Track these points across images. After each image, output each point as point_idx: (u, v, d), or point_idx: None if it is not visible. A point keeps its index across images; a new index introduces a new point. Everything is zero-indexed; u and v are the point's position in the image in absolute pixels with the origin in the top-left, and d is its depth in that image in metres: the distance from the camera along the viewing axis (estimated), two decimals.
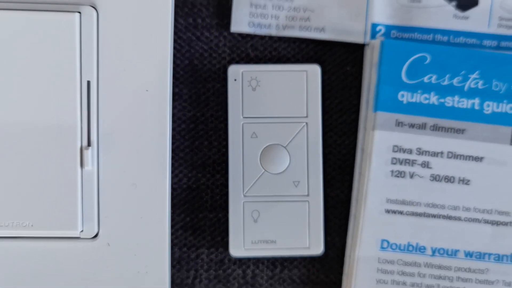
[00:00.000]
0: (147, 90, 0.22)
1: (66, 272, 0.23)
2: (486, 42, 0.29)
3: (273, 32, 0.29)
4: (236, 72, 0.27)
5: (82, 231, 0.22)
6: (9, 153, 0.21)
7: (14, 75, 0.21)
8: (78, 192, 0.22)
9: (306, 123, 0.27)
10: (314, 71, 0.27)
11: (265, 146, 0.27)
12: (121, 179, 0.22)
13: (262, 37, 0.29)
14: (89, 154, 0.22)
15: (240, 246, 0.26)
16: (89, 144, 0.22)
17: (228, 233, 0.27)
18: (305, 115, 0.27)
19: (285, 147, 0.27)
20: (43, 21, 0.20)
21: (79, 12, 0.21)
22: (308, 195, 0.27)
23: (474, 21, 0.29)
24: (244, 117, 0.27)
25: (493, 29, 0.29)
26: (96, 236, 0.22)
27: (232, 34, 0.28)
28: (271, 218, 0.26)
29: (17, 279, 0.22)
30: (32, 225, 0.22)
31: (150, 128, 0.22)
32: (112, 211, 0.22)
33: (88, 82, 0.21)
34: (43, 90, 0.21)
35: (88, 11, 0.21)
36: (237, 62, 0.28)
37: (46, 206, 0.22)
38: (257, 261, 0.28)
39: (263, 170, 0.26)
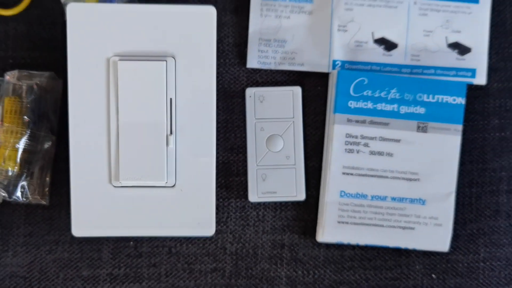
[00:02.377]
0: (202, 103, 0.38)
1: (158, 209, 0.39)
2: (403, 70, 0.45)
3: (272, 67, 0.45)
4: (250, 92, 0.43)
5: (166, 182, 0.38)
6: (133, 137, 0.38)
7: (136, 97, 0.37)
8: (165, 159, 0.38)
9: (293, 121, 0.43)
10: (297, 90, 0.44)
11: (268, 136, 0.43)
12: (188, 153, 0.39)
13: (265, 70, 0.45)
14: (171, 138, 0.38)
15: (255, 196, 0.43)
16: (171, 133, 0.38)
17: (247, 188, 0.43)
18: (292, 116, 0.43)
19: (281, 136, 0.43)
20: (149, 66, 0.37)
21: (166, 61, 0.38)
22: (294, 164, 0.43)
23: (395, 57, 0.45)
24: (256, 118, 0.43)
25: (407, 62, 0.45)
26: (174, 185, 0.39)
27: (247, 69, 0.45)
28: (273, 178, 0.43)
29: (129, 214, 0.39)
30: (141, 178, 0.38)
31: (203, 125, 0.39)
32: (183, 171, 0.39)
33: (171, 99, 0.38)
34: (150, 103, 0.37)
35: (170, 60, 0.38)
36: (251, 86, 0.45)
37: (148, 167, 0.38)
38: (265, 206, 0.44)
39: (268, 150, 0.43)
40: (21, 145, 0.41)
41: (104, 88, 0.39)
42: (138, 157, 0.39)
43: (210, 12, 0.39)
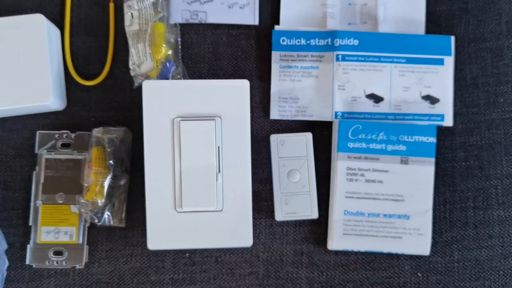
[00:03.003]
0: (241, 149, 0.52)
1: (210, 228, 0.52)
2: (389, 117, 0.59)
3: (289, 117, 0.59)
4: (274, 138, 0.58)
5: (216, 207, 0.52)
6: (191, 175, 0.51)
7: (194, 146, 0.51)
8: (215, 191, 0.52)
9: (307, 159, 0.57)
10: (309, 136, 0.57)
11: (288, 170, 0.56)
12: (231, 185, 0.53)
13: (284, 120, 0.59)
14: (219, 175, 0.52)
15: (280, 216, 0.56)
16: (219, 171, 0.52)
17: (273, 210, 0.56)
18: (306, 155, 0.57)
19: (298, 170, 0.56)
20: (202, 124, 0.51)
21: (214, 120, 0.51)
22: (309, 191, 0.56)
23: (382, 107, 0.59)
24: (279, 157, 0.57)
25: (392, 110, 0.59)
26: (221, 210, 0.52)
27: (270, 120, 0.59)
28: (293, 202, 0.56)
29: (189, 232, 0.52)
30: (197, 205, 0.51)
31: (242, 165, 0.53)
32: (228, 198, 0.52)
33: (218, 147, 0.52)
34: (203, 151, 0.51)
35: (218, 119, 0.52)
36: (274, 133, 0.58)
37: (203, 196, 0.52)
38: (287, 223, 0.57)
39: (288, 181, 0.56)
40: (106, 183, 0.55)
41: (170, 141, 0.53)
42: (196, 190, 0.52)
43: (245, 85, 0.53)
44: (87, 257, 0.57)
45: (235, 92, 0.54)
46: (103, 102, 0.61)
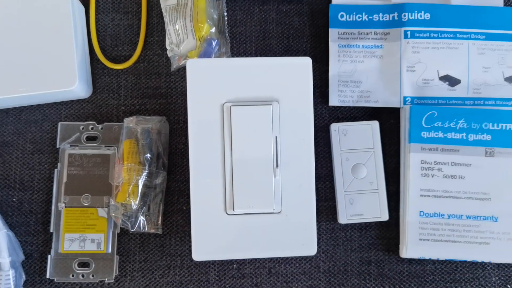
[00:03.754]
0: (303, 139, 0.44)
1: (266, 233, 0.44)
2: (467, 102, 0.51)
3: (351, 104, 0.51)
4: (335, 127, 0.49)
5: (274, 209, 0.44)
6: (245, 171, 0.43)
7: (247, 136, 0.43)
8: (272, 189, 0.44)
9: (373, 151, 0.49)
10: (375, 124, 0.49)
11: (353, 165, 0.48)
12: (291, 182, 0.44)
13: (345, 107, 0.51)
14: (277, 171, 0.44)
15: (344, 218, 0.48)
16: (277, 166, 0.44)
17: (335, 212, 0.48)
18: (372, 147, 0.49)
19: (364, 164, 0.48)
20: (257, 110, 0.43)
21: (271, 105, 0.44)
22: (377, 189, 0.48)
23: (459, 91, 0.51)
24: (341, 150, 0.49)
25: (470, 95, 0.51)
26: (280, 212, 0.44)
27: (329, 106, 0.51)
28: (359, 202, 0.48)
29: (241, 239, 0.44)
30: (252, 207, 0.43)
31: (304, 158, 0.45)
32: (288, 198, 0.44)
33: (276, 137, 0.44)
34: (259, 141, 0.43)
35: (275, 104, 0.44)
36: (333, 122, 0.50)
37: (258, 196, 0.44)
38: (351, 227, 0.49)
39: (353, 177, 0.48)
40: (141, 181, 0.47)
41: (219, 130, 0.45)
42: (250, 188, 0.44)
43: (307, 63, 0.45)
44: (117, 270, 0.49)
45: (296, 72, 0.45)
46: (135, 88, 0.53)
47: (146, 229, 0.48)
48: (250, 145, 0.45)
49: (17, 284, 0.47)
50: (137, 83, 0.53)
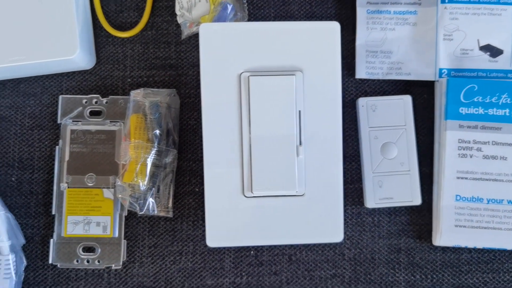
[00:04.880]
0: (329, 114, 0.40)
1: (288, 218, 0.40)
2: (510, 75, 0.46)
3: (380, 77, 0.47)
4: (363, 102, 0.45)
5: (297, 191, 0.40)
6: (264, 149, 0.39)
7: (267, 110, 0.39)
8: (295, 169, 0.40)
9: (405, 129, 0.44)
10: (408, 99, 0.45)
11: (382, 143, 0.44)
12: (316, 162, 0.40)
13: (373, 80, 0.47)
14: (301, 149, 0.40)
15: (372, 202, 0.44)
16: (300, 144, 0.40)
17: (362, 195, 0.44)
18: (404, 124, 0.45)
19: (394, 143, 0.44)
20: (278, 81, 0.39)
21: (294, 75, 0.39)
22: (409, 170, 0.44)
23: (501, 63, 0.46)
24: (369, 127, 0.44)
25: None
26: (303, 194, 0.40)
27: (356, 79, 0.46)
28: (389, 185, 0.44)
29: (260, 224, 0.40)
30: (272, 188, 0.39)
31: (330, 136, 0.40)
32: (312, 180, 0.40)
33: (299, 111, 0.40)
34: (280, 116, 0.39)
35: (298, 74, 0.40)
36: (360, 96, 0.46)
37: (280, 177, 0.40)
38: (379, 211, 0.45)
39: (382, 157, 0.44)
40: (150, 160, 0.43)
41: (236, 103, 0.40)
42: (270, 168, 0.40)
43: (334, 28, 0.40)
44: (125, 255, 0.45)
45: (322, 38, 0.40)
46: (142, 58, 0.48)
47: (155, 212, 0.44)
48: (270, 120, 0.40)
49: (18, 270, 0.44)
50: (144, 53, 0.48)
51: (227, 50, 0.40)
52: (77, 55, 0.44)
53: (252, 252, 0.46)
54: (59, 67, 0.46)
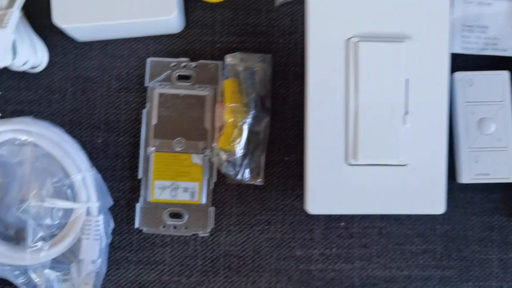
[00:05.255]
0: (435, 83, 0.39)
1: (389, 188, 0.40)
2: None
3: (475, 52, 0.46)
4: (459, 76, 0.44)
5: (400, 160, 0.39)
6: (371, 116, 0.38)
7: (375, 77, 0.39)
8: (400, 138, 0.39)
9: (502, 105, 0.44)
10: (505, 75, 0.44)
11: (479, 119, 0.43)
12: (420, 132, 0.40)
13: (467, 55, 0.46)
14: (407, 118, 0.39)
15: (467, 177, 0.43)
16: (406, 112, 0.39)
17: (454, 170, 0.43)
18: (501, 100, 0.44)
19: (491, 119, 0.43)
20: (387, 47, 0.38)
21: (403, 42, 0.39)
22: (507, 147, 0.43)
23: None
24: (466, 102, 0.44)
25: None
26: (406, 164, 0.40)
27: (451, 54, 0.46)
28: (486, 161, 0.43)
29: (361, 193, 0.39)
30: (377, 157, 0.39)
31: (435, 105, 0.40)
32: (415, 150, 0.40)
33: (406, 80, 0.39)
34: (387, 84, 0.39)
35: (407, 41, 0.39)
36: (454, 70, 0.45)
37: (384, 145, 0.39)
38: (472, 187, 0.45)
39: (479, 133, 0.43)
40: (246, 125, 0.43)
41: (343, 69, 0.40)
42: (375, 136, 0.39)
43: None
44: (213, 223, 0.44)
45: (432, 5, 0.40)
46: (232, 24, 0.47)
47: (248, 179, 0.43)
48: (378, 87, 0.39)
49: (105, 232, 0.43)
50: (234, 19, 0.47)
51: (335, 15, 0.40)
52: (174, 15, 0.43)
53: (342, 223, 0.45)
54: (151, 29, 0.45)
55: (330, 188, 0.40)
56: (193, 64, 0.45)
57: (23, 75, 0.46)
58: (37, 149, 0.42)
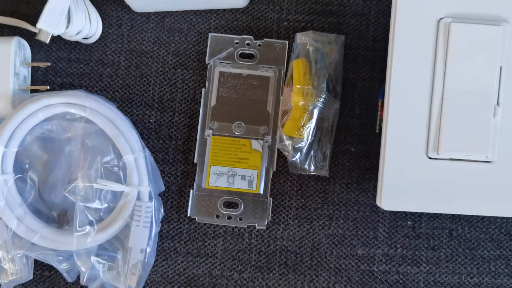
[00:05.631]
0: None
1: (471, 186, 0.36)
2: None
3: None
4: None
5: (487, 156, 0.36)
6: (457, 106, 0.35)
7: (466, 63, 0.35)
8: (490, 131, 0.36)
9: None
10: None
11: None
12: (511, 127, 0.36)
13: None
14: (498, 109, 0.36)
15: None
16: (498, 103, 0.36)
17: None
18: None
19: None
20: (483, 30, 0.35)
21: (501, 25, 0.35)
22: None
23: None
24: None
25: None
26: (493, 161, 0.36)
27: None
28: None
29: (440, 190, 0.36)
30: (462, 150, 0.36)
31: None
32: (505, 146, 0.36)
33: (500, 67, 0.36)
34: (479, 70, 0.35)
35: (504, 25, 0.35)
36: None
37: (471, 138, 0.36)
38: None
39: None
40: (317, 110, 0.39)
41: (431, 52, 0.36)
42: (461, 128, 0.36)
43: None
44: (270, 215, 0.41)
45: None
46: (300, 2, 0.43)
47: (314, 170, 0.40)
48: (468, 73, 0.36)
49: (155, 219, 0.40)
50: None
51: None
52: None
53: (409, 222, 0.41)
54: (213, 2, 0.42)
55: (407, 183, 0.36)
56: (258, 42, 0.42)
57: (74, 46, 0.42)
58: (88, 126, 0.39)
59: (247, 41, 0.42)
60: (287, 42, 0.42)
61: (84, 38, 0.41)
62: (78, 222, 0.38)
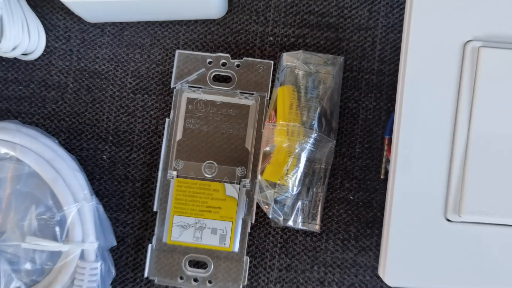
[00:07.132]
0: None
1: (500, 256, 0.28)
2: None
3: None
4: None
5: None
6: (487, 155, 0.28)
7: (499, 99, 0.27)
8: None
9: None
10: None
11: None
12: None
13: None
14: None
15: None
16: None
17: None
18: None
19: None
20: None
21: None
22: None
23: None
24: None
25: None
26: None
27: None
28: None
29: (463, 261, 0.28)
30: (490, 213, 0.28)
31: None
32: None
33: None
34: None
35: None
36: None
37: (501, 197, 0.28)
38: None
39: None
40: (306, 152, 0.32)
41: (453, 83, 0.28)
42: (491, 184, 0.28)
43: None
44: (246, 278, 0.33)
45: None
46: (290, 11, 0.35)
47: (301, 224, 0.33)
48: (502, 112, 0.28)
49: (105, 282, 0.33)
50: (293, 4, 0.36)
51: (450, 10, 0.28)
52: None
53: None
54: (182, 11, 0.34)
55: (419, 252, 0.29)
56: (236, 62, 0.34)
57: (12, 63, 0.35)
58: (20, 167, 0.31)
59: (222, 61, 0.34)
60: (272, 62, 0.34)
61: (23, 54, 0.34)
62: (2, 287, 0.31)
